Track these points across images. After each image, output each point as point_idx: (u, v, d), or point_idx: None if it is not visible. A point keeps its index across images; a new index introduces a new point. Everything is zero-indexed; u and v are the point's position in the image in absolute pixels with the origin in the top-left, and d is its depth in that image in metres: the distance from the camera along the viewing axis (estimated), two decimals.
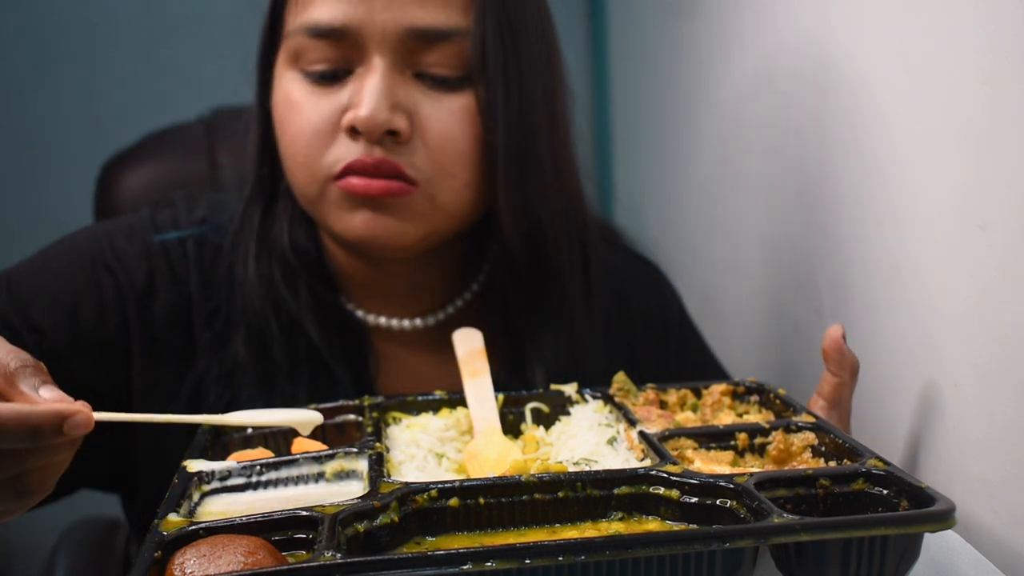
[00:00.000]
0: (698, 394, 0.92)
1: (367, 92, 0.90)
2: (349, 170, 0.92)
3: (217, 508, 0.74)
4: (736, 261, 1.50)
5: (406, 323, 1.06)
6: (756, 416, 0.88)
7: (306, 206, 0.99)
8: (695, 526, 0.69)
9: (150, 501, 0.75)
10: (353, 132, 0.92)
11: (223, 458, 0.81)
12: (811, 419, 0.82)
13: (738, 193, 1.46)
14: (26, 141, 2.23)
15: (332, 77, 0.93)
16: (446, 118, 0.93)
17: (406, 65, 0.93)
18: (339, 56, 0.93)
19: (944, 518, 0.63)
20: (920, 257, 0.93)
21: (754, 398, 0.91)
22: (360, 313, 1.05)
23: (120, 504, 1.13)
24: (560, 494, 0.71)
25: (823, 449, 0.79)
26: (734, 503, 0.68)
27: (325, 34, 0.92)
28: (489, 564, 0.59)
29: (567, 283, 1.05)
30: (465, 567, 0.59)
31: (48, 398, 0.66)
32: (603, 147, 2.33)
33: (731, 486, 0.69)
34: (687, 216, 1.74)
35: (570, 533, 0.70)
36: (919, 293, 0.94)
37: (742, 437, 0.81)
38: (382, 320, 1.06)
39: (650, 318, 1.18)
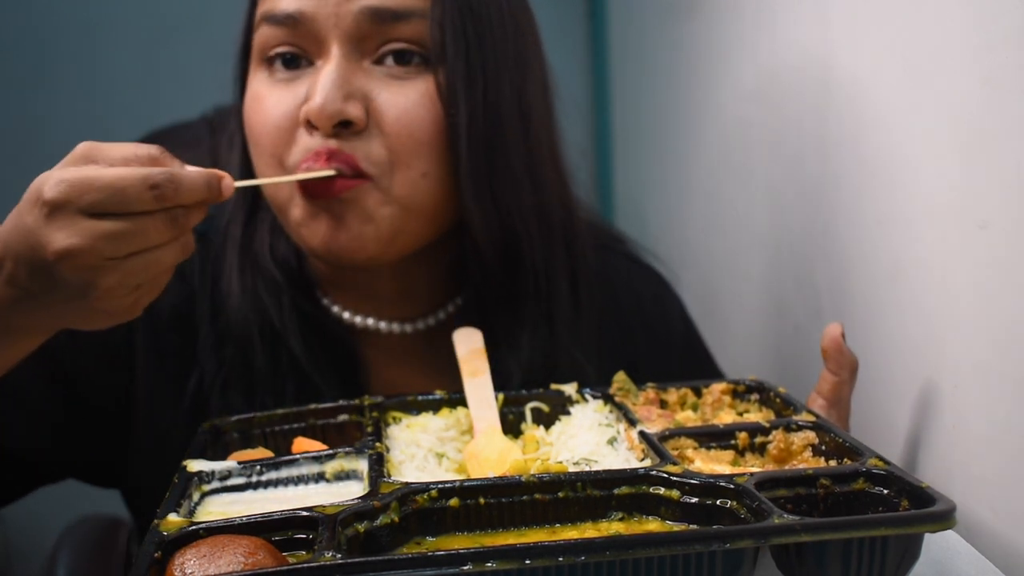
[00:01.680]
0: (698, 393, 0.92)
1: (320, 82, 0.89)
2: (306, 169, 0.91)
3: (217, 508, 0.74)
4: (736, 261, 1.50)
5: (395, 327, 1.04)
6: (756, 415, 0.88)
7: (277, 213, 0.97)
8: (695, 526, 0.69)
9: (151, 499, 0.76)
10: (309, 125, 0.91)
11: (223, 458, 0.81)
12: (811, 418, 0.82)
13: (738, 193, 1.47)
14: (26, 141, 2.22)
15: (293, 64, 0.93)
16: (403, 102, 0.91)
17: (363, 53, 0.92)
18: (298, 45, 0.92)
19: (944, 518, 0.63)
20: (920, 257, 0.93)
21: (754, 397, 0.91)
22: (347, 315, 1.03)
23: (122, 500, 1.13)
24: (560, 494, 0.71)
25: (823, 448, 0.79)
26: (734, 503, 0.68)
27: (282, 21, 0.91)
28: (489, 564, 0.59)
29: (545, 287, 1.01)
30: (465, 567, 0.59)
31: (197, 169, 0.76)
32: (603, 147, 2.33)
33: (731, 486, 0.69)
34: (687, 216, 1.74)
35: (570, 533, 0.70)
36: (919, 293, 0.94)
37: (742, 436, 0.81)
38: (370, 322, 1.03)
39: (652, 331, 1.14)
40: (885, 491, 0.70)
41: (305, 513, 0.66)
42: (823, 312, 1.16)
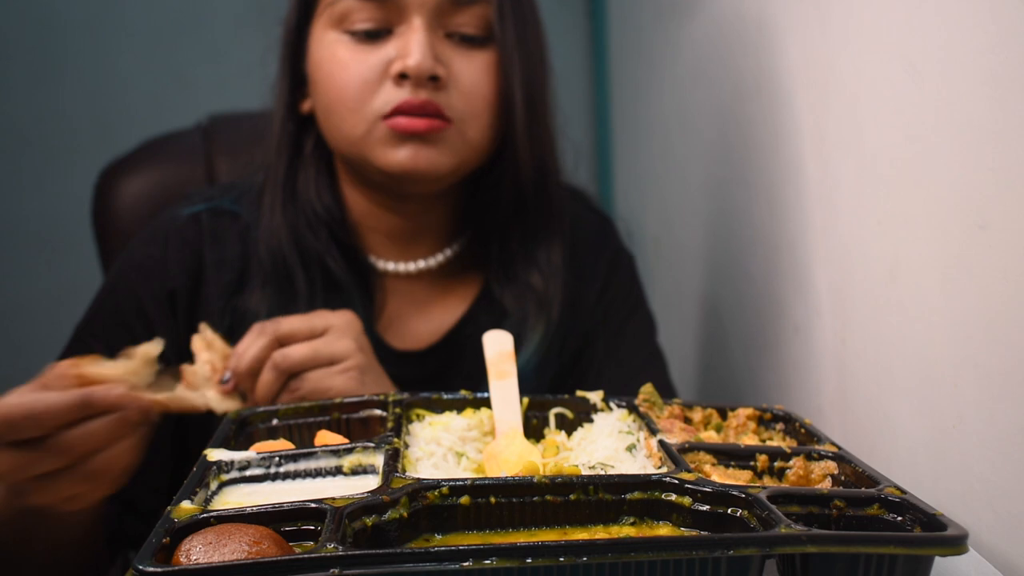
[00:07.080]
0: (723, 415, 0.91)
1: (415, 45, 1.11)
2: (398, 111, 1.12)
3: (234, 498, 0.75)
4: (736, 261, 1.50)
5: (411, 266, 1.28)
6: (780, 443, 0.87)
7: (349, 146, 1.17)
8: (706, 533, 0.68)
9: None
10: (401, 78, 1.12)
11: (246, 448, 0.81)
12: (834, 448, 0.81)
13: (738, 193, 1.47)
14: (26, 146, 2.23)
15: (375, 35, 1.14)
16: (474, 70, 1.16)
17: (439, 25, 1.15)
18: (383, 17, 1.13)
19: (955, 543, 0.63)
20: (920, 257, 0.94)
21: (779, 426, 0.90)
22: (371, 259, 1.27)
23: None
24: (572, 496, 0.71)
25: (843, 479, 0.78)
26: (745, 512, 0.68)
27: None
28: (489, 562, 0.59)
29: (556, 208, 1.28)
30: (466, 563, 0.59)
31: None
32: (603, 147, 2.33)
33: (743, 496, 0.68)
34: (687, 215, 1.74)
35: (581, 536, 0.70)
36: (919, 293, 0.94)
37: (762, 459, 0.80)
38: (390, 265, 1.28)
39: (597, 267, 1.35)
40: (899, 518, 0.69)
41: (314, 505, 0.67)
42: (823, 312, 1.16)
